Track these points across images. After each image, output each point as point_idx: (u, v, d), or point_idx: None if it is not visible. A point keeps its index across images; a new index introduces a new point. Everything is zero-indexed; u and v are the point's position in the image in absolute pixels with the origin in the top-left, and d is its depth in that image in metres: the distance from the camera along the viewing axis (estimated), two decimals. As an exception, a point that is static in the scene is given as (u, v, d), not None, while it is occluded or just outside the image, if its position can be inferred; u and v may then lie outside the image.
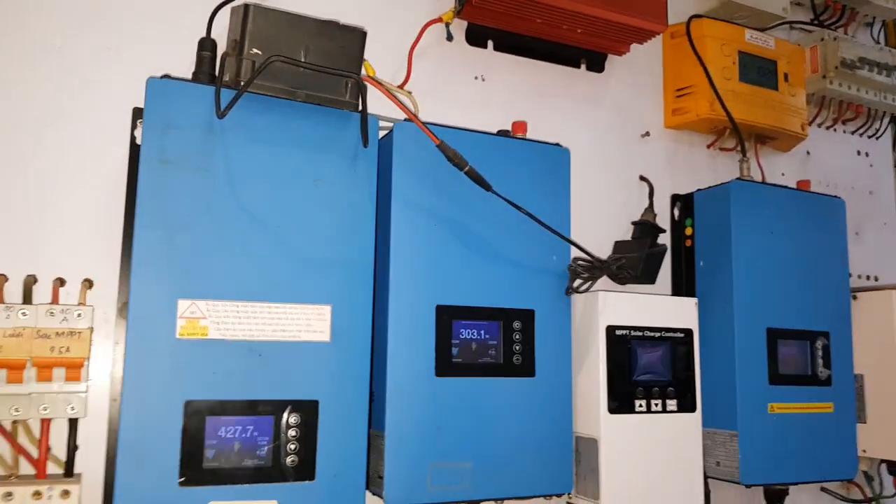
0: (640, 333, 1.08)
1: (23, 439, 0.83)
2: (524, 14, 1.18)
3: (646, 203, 1.32)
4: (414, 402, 0.93)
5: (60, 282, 0.89)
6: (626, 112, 1.39)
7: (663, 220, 1.36)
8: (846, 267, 1.37)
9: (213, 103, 0.83)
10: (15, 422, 0.81)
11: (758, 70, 1.43)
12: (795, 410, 1.25)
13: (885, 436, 1.37)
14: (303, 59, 0.86)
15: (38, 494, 0.77)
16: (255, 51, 0.84)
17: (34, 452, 0.81)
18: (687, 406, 1.10)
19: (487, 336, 0.99)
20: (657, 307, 1.11)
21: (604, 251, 1.30)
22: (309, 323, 0.87)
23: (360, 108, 0.88)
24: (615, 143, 1.37)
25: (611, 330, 1.06)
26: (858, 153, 1.71)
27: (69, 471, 0.83)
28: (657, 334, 1.10)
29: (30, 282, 0.86)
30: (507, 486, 0.97)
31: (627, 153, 1.37)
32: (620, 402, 1.04)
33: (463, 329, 0.98)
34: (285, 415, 0.84)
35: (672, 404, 1.08)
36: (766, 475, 1.20)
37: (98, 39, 0.98)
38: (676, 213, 1.39)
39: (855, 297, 1.44)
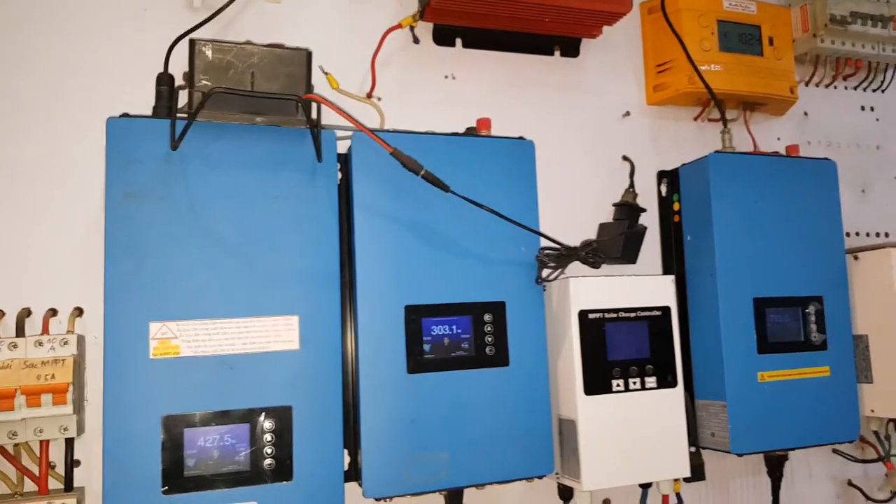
0: (615, 315, 1.10)
1: (27, 461, 0.91)
2: (487, 10, 1.20)
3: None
4: (387, 399, 0.97)
5: (52, 312, 0.97)
6: (605, 94, 1.39)
7: (650, 197, 1.37)
8: (840, 229, 1.35)
9: (169, 136, 0.89)
10: (16, 444, 0.90)
11: (739, 37, 1.41)
12: (788, 377, 1.25)
13: (891, 395, 1.36)
14: (250, 85, 0.90)
15: (39, 508, 0.86)
16: (205, 82, 0.89)
17: (36, 472, 0.90)
18: (667, 382, 1.11)
19: (459, 331, 1.03)
20: (633, 288, 1.13)
21: (589, 235, 1.32)
22: (278, 333, 0.92)
23: (309, 125, 0.92)
24: (596, 126, 1.38)
25: (583, 314, 1.08)
26: (863, 108, 1.67)
27: (69, 486, 0.92)
28: (633, 314, 1.12)
29: (22, 315, 0.94)
30: (487, 473, 1.01)
31: (609, 135, 1.38)
32: (596, 383, 1.07)
33: (434, 326, 1.02)
34: (260, 421, 0.90)
35: (651, 381, 1.10)
36: (757, 443, 1.22)
37: (74, 81, 1.05)
38: (664, 189, 1.39)
39: (856, 258, 1.43)
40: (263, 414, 0.90)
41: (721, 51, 1.38)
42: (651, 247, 1.36)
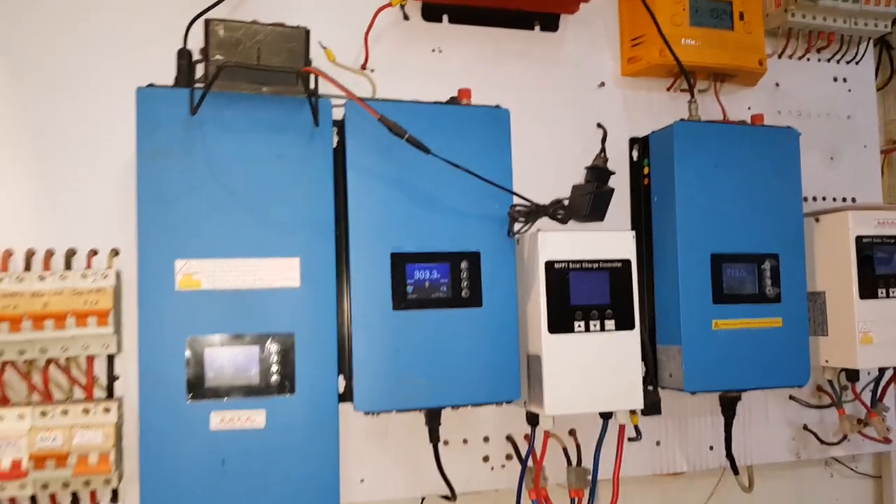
0: (579, 266, 1.25)
1: (76, 373, 1.11)
2: (473, -13, 1.34)
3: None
4: (375, 331, 1.14)
5: (94, 252, 1.15)
6: (582, 66, 1.52)
7: (623, 162, 1.51)
8: (799, 193, 1.47)
9: (188, 104, 1.05)
10: (68, 359, 1.09)
11: (710, 12, 1.53)
12: (741, 326, 1.39)
13: (843, 347, 1.49)
14: (257, 60, 1.06)
15: (86, 411, 1.05)
16: (218, 56, 1.05)
17: (83, 382, 1.09)
18: (625, 325, 1.26)
19: (438, 275, 1.19)
20: (596, 241, 1.27)
21: (565, 195, 1.46)
22: (282, 272, 1.09)
23: (307, 94, 1.08)
24: (573, 95, 1.51)
25: (549, 264, 1.23)
26: (835, 79, 1.77)
27: (111, 394, 1.11)
28: (595, 265, 1.26)
29: (69, 254, 1.13)
30: (461, 396, 1.18)
31: (585, 104, 1.52)
32: (560, 323, 1.22)
33: (417, 270, 1.18)
34: (268, 344, 1.08)
35: (610, 324, 1.25)
36: (709, 383, 1.37)
37: (108, 53, 1.23)
38: (635, 154, 1.53)
39: (817, 220, 1.55)
40: (270, 339, 1.08)
41: (692, 25, 1.50)
42: (623, 207, 1.51)
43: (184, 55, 1.11)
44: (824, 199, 1.73)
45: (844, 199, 1.74)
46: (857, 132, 1.77)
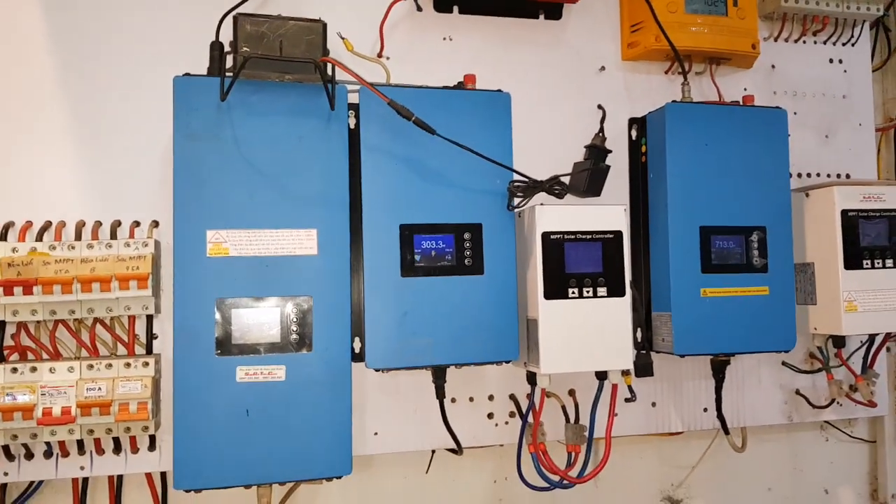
0: (573, 237, 1.35)
1: (119, 332, 1.25)
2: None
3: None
4: (385, 295, 1.26)
5: (136, 223, 1.30)
6: (584, 51, 1.62)
7: (622, 141, 1.61)
8: (786, 169, 1.56)
9: (219, 91, 1.18)
10: (113, 318, 1.23)
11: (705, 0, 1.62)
12: (728, 294, 1.49)
13: (829, 315, 1.58)
14: (279, 51, 1.18)
15: (128, 365, 1.19)
16: (246, 49, 1.17)
17: (126, 339, 1.24)
18: (616, 292, 1.36)
19: (443, 245, 1.31)
20: (590, 215, 1.36)
21: (566, 172, 1.57)
22: (301, 242, 1.22)
23: (324, 81, 1.20)
24: (575, 79, 1.61)
25: (546, 235, 1.33)
26: (831, 61, 1.84)
27: (149, 351, 1.25)
28: (589, 237, 1.36)
29: (115, 225, 1.28)
30: (464, 355, 1.30)
31: (587, 87, 1.61)
32: (555, 290, 1.32)
33: (423, 241, 1.30)
34: (288, 306, 1.20)
35: (602, 291, 1.36)
36: (696, 347, 1.47)
37: (149, 47, 1.37)
38: (634, 133, 1.63)
39: (807, 195, 1.64)
40: (290, 301, 1.20)
41: (687, 12, 1.59)
42: (622, 183, 1.61)
43: (215, 47, 1.23)
44: (818, 175, 1.80)
45: (839, 176, 1.82)
46: (852, 111, 1.84)
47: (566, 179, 1.37)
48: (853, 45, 1.84)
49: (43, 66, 1.34)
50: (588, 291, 1.34)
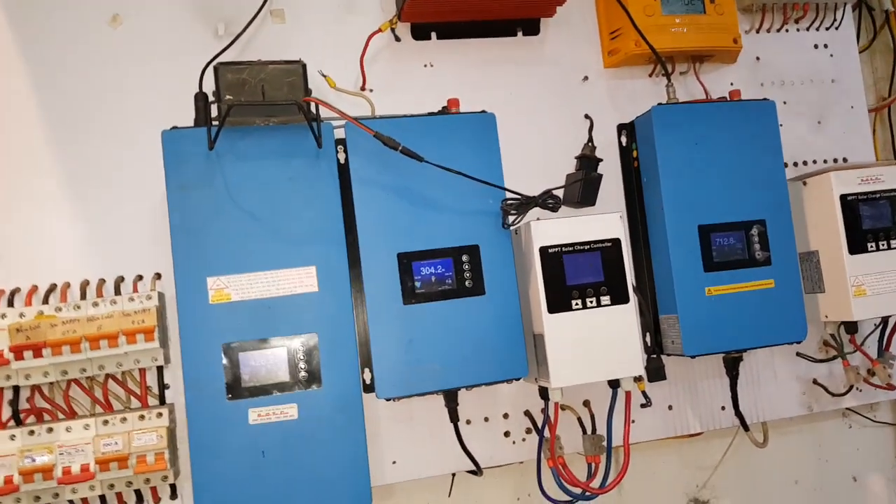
0: (571, 248, 1.35)
1: (131, 385, 1.27)
2: (454, 5, 1.45)
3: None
4: (389, 324, 1.27)
5: (139, 277, 1.32)
6: (565, 63, 1.63)
7: (612, 148, 1.62)
8: (780, 160, 1.55)
9: (206, 140, 1.20)
10: (124, 372, 1.25)
11: (681, 0, 1.63)
12: (733, 290, 1.48)
13: (839, 301, 1.57)
14: (262, 95, 1.20)
15: (142, 417, 1.21)
16: (228, 96, 1.20)
17: (138, 392, 1.25)
18: (620, 299, 1.36)
19: (443, 269, 1.32)
20: (586, 225, 1.36)
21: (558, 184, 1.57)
22: (301, 280, 1.23)
23: (307, 120, 1.22)
24: (559, 91, 1.62)
25: (543, 249, 1.34)
26: (816, 46, 1.83)
27: (162, 401, 1.27)
28: (587, 247, 1.37)
29: (118, 281, 1.29)
30: (472, 376, 1.30)
31: (571, 98, 1.62)
32: (558, 303, 1.33)
33: (422, 267, 1.31)
34: (294, 345, 1.22)
35: (606, 299, 1.35)
36: (707, 346, 1.46)
37: (131, 100, 1.39)
38: (624, 139, 1.63)
39: (805, 184, 1.63)
40: (296, 339, 1.22)
41: (664, 14, 1.60)
42: (617, 190, 1.61)
43: (199, 98, 1.26)
44: (815, 161, 1.80)
45: (836, 160, 1.81)
46: (842, 95, 1.83)
47: (559, 192, 1.37)
48: (837, 28, 1.84)
49: (33, 128, 1.36)
50: (591, 301, 1.34)
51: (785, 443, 1.79)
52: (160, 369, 1.29)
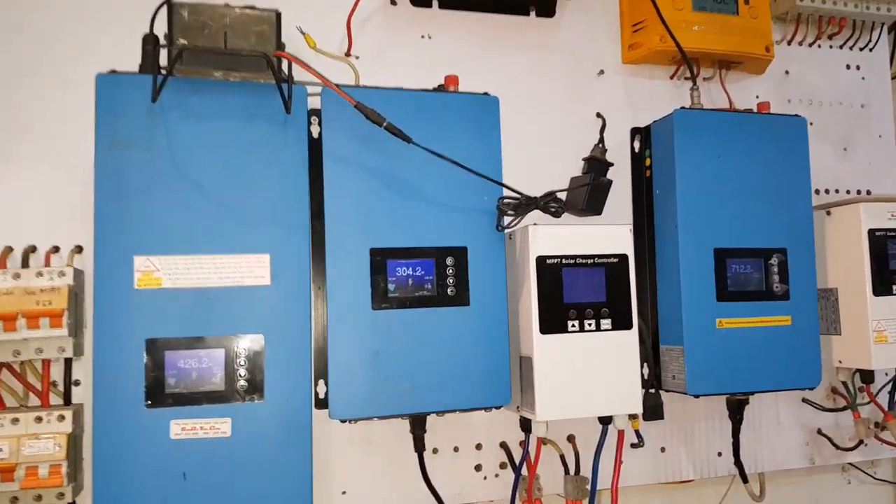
0: (572, 261, 1.17)
1: (32, 379, 1.04)
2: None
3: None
4: (352, 332, 1.07)
5: (55, 249, 1.09)
6: (580, 53, 1.45)
7: (624, 153, 1.44)
8: (808, 184, 1.39)
9: (151, 91, 0.98)
10: (23, 363, 1.02)
11: (714, -3, 1.45)
12: (747, 325, 1.31)
13: (856, 347, 1.41)
14: (223, 44, 0.99)
15: (39, 419, 0.98)
16: (182, 41, 0.98)
17: (39, 387, 1.02)
18: (623, 324, 1.18)
19: (423, 272, 1.12)
20: (592, 236, 1.19)
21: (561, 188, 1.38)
22: (251, 269, 1.02)
23: (276, 80, 1.01)
24: (570, 84, 1.44)
25: (541, 259, 1.15)
26: (848, 67, 1.69)
27: (67, 401, 1.04)
28: (590, 261, 1.18)
29: (28, 251, 1.06)
30: (447, 401, 1.11)
31: (584, 93, 1.44)
32: (552, 323, 1.14)
33: (399, 267, 1.11)
34: (234, 347, 1.01)
35: (606, 323, 1.17)
36: (713, 386, 1.28)
37: (68, 41, 1.16)
38: (636, 145, 1.45)
39: (829, 213, 1.47)
40: (237, 340, 1.00)
41: (695, 10, 1.43)
42: (625, 200, 1.43)
43: (148, 41, 1.04)
44: (837, 191, 1.64)
45: (859, 192, 1.66)
46: (871, 121, 1.69)
47: (563, 196, 1.21)
48: (871, 49, 1.69)
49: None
50: (590, 324, 1.17)
51: (780, 495, 1.62)
52: (68, 362, 1.05)
